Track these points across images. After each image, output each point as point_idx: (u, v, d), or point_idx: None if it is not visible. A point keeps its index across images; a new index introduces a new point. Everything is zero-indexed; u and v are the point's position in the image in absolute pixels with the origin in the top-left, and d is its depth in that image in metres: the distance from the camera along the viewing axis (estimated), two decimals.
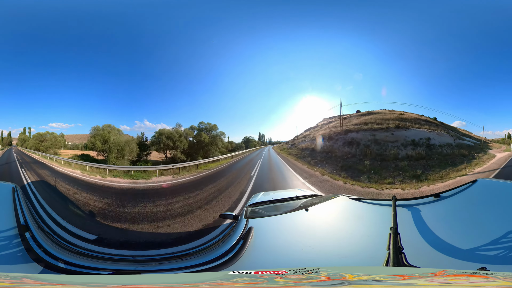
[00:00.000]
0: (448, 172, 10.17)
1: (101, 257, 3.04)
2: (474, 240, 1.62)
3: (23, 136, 14.99)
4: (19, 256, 1.73)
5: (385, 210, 2.21)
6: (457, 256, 1.54)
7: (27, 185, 9.15)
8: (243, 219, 2.53)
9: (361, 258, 1.74)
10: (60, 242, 2.34)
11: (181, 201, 8.31)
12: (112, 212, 7.41)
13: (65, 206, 7.71)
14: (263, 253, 1.96)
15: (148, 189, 10.01)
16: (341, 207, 2.79)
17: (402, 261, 1.41)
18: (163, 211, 7.47)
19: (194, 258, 2.09)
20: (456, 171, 10.21)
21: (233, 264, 1.79)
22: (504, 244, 1.55)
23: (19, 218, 2.05)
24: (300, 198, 3.25)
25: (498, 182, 2.86)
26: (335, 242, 2.01)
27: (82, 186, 9.59)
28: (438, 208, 2.22)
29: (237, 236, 2.16)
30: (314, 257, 1.80)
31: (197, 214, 7.15)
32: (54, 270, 1.70)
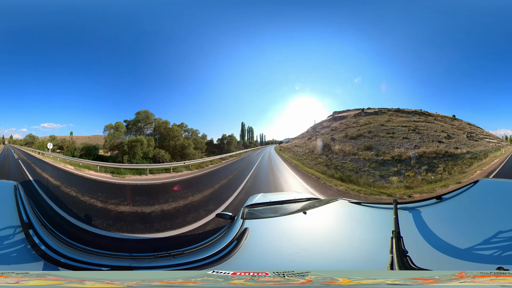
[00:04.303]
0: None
1: (101, 253, 3.10)
2: (480, 240, 1.60)
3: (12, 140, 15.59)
4: (24, 254, 1.76)
5: (386, 213, 2.18)
6: (463, 257, 1.52)
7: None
8: (239, 220, 2.52)
9: (360, 262, 1.71)
10: (63, 239, 2.39)
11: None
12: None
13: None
14: (256, 254, 1.95)
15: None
16: (340, 210, 2.76)
17: (408, 264, 1.38)
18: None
19: (185, 256, 2.11)
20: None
21: (220, 264, 1.77)
22: (510, 243, 1.53)
23: (22, 216, 2.07)
24: (299, 201, 3.23)
25: (499, 181, 2.84)
26: (332, 245, 1.99)
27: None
28: (441, 210, 2.20)
29: (231, 237, 2.15)
30: (307, 261, 1.77)
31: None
32: (60, 266, 1.74)
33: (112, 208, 7.33)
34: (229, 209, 7.09)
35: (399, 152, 11.14)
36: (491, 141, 13.36)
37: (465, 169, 10.54)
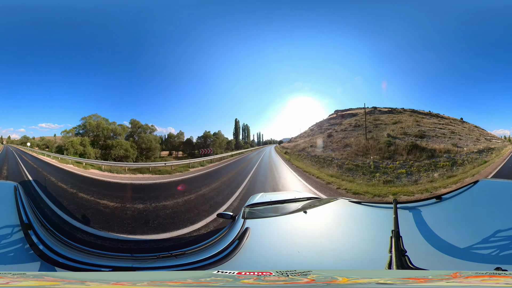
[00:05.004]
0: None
1: (102, 254, 3.09)
2: (479, 240, 1.60)
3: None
4: (23, 254, 1.76)
5: (386, 213, 2.18)
6: (463, 257, 1.53)
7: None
8: (240, 220, 2.53)
9: (360, 261, 1.72)
10: (64, 240, 2.38)
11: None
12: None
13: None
14: (257, 254, 1.96)
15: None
16: (341, 210, 2.77)
17: (406, 264, 1.39)
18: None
19: (187, 257, 2.11)
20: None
21: (223, 264, 1.78)
22: (509, 243, 1.53)
23: (22, 217, 2.07)
24: (299, 201, 3.23)
25: (499, 182, 2.84)
26: (332, 245, 1.99)
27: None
28: (440, 210, 2.20)
29: (233, 236, 2.16)
30: (308, 260, 1.79)
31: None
32: (58, 266, 1.74)
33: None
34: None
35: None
36: (497, 142, 13.70)
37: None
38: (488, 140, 13.35)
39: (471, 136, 12.98)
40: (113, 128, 14.03)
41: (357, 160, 10.91)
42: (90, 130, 14.01)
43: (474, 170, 9.83)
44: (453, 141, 11.75)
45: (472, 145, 11.94)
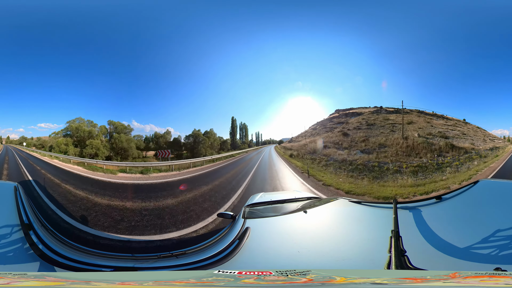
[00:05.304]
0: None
1: (103, 254, 3.10)
2: (478, 241, 1.60)
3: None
4: (23, 254, 1.76)
5: (386, 213, 2.18)
6: (463, 257, 1.52)
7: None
8: (240, 219, 2.53)
9: (360, 261, 1.72)
10: (64, 240, 2.38)
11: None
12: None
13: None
14: (257, 253, 1.96)
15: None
16: (341, 210, 2.77)
17: (405, 264, 1.38)
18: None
19: (188, 256, 2.12)
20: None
21: (224, 264, 1.79)
22: (509, 243, 1.53)
23: (22, 217, 2.06)
24: (299, 200, 3.23)
25: (499, 182, 2.84)
26: (332, 244, 1.99)
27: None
28: (440, 210, 2.20)
29: (233, 236, 2.16)
30: (308, 260, 1.79)
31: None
32: (58, 266, 1.74)
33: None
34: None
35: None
36: (499, 142, 14.28)
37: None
38: (491, 140, 14.14)
39: (477, 136, 14.01)
40: (90, 130, 14.98)
41: (412, 161, 10.65)
42: (72, 132, 14.83)
43: (495, 158, 12.60)
44: (470, 141, 13.27)
45: (483, 144, 13.51)
